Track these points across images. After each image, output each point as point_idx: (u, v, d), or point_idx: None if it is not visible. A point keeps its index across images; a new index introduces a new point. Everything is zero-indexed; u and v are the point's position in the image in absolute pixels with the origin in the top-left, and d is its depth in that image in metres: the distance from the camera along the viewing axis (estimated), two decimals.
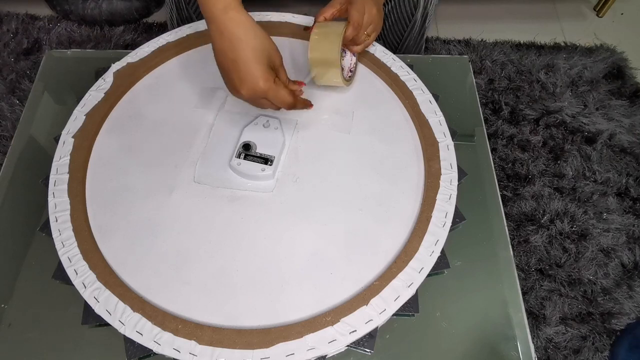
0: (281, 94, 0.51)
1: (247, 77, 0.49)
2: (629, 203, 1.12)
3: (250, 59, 0.49)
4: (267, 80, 0.50)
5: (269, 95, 0.50)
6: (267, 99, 0.51)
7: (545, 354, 0.93)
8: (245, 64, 0.49)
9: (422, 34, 0.88)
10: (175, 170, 0.61)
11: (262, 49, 0.50)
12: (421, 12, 0.81)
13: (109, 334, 0.52)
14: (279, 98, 0.51)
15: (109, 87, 0.67)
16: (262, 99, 0.51)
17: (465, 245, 0.62)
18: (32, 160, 0.68)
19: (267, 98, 0.51)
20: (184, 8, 0.80)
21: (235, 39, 0.49)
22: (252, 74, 0.49)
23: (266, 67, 0.50)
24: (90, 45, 1.34)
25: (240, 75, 0.49)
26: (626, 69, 1.36)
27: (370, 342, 0.52)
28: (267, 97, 0.50)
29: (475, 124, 0.73)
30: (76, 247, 0.54)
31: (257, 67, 0.49)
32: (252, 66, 0.49)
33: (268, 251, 0.56)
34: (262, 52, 0.50)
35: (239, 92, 0.50)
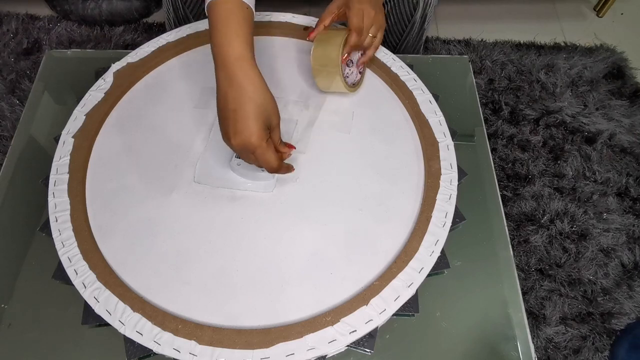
0: (268, 155, 0.52)
1: (242, 130, 0.50)
2: (629, 203, 1.12)
3: (250, 114, 0.50)
4: (260, 138, 0.50)
5: (257, 153, 0.51)
6: (255, 155, 0.52)
7: (545, 354, 0.93)
8: (244, 117, 0.50)
9: (420, 35, 0.88)
10: (175, 170, 0.61)
11: (265, 107, 0.51)
12: (420, 13, 0.82)
13: (109, 334, 0.52)
14: (266, 159, 0.52)
15: (109, 87, 0.67)
16: (250, 154, 0.52)
17: (465, 245, 0.61)
18: (32, 160, 0.68)
19: (255, 155, 0.52)
20: (181, 8, 0.81)
21: (241, 91, 0.50)
22: (248, 128, 0.50)
23: (263, 126, 0.51)
24: (90, 45, 1.34)
25: (237, 126, 0.50)
26: (626, 69, 1.36)
27: (370, 342, 0.52)
28: (254, 154, 0.52)
29: (475, 124, 0.73)
30: (76, 247, 0.54)
31: (255, 123, 0.50)
32: (250, 121, 0.50)
33: (268, 251, 0.56)
34: (263, 110, 0.51)
35: (229, 141, 0.51)
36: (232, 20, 0.52)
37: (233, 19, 0.52)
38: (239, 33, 0.52)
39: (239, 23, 0.52)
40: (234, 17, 0.52)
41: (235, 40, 0.51)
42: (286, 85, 0.69)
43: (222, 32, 0.52)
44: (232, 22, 0.52)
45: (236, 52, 0.51)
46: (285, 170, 0.55)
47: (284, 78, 0.70)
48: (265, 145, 0.51)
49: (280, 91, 0.69)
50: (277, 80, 0.70)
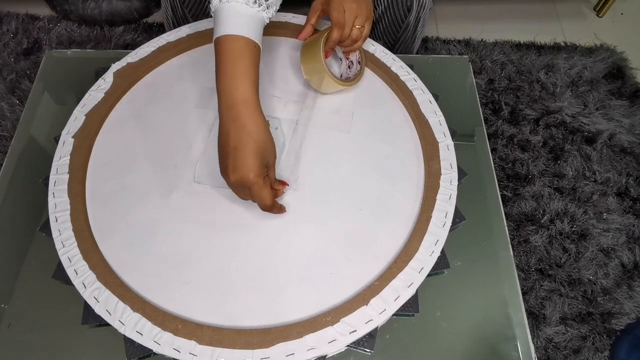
0: (264, 193, 0.53)
1: (242, 166, 0.51)
2: (629, 203, 1.12)
3: (250, 152, 0.51)
4: (257, 175, 0.51)
5: (253, 189, 0.52)
6: (251, 191, 0.53)
7: (545, 354, 0.93)
8: (244, 155, 0.51)
9: (414, 37, 0.88)
10: (175, 170, 0.61)
11: (264, 146, 0.52)
12: (414, 16, 0.82)
13: (109, 334, 0.52)
14: (260, 196, 0.53)
15: (109, 87, 0.67)
16: (245, 190, 0.53)
17: (465, 245, 0.62)
18: (32, 160, 0.68)
19: (251, 191, 0.53)
20: (179, 7, 0.81)
21: (244, 130, 0.51)
22: (248, 165, 0.51)
23: (261, 164, 0.52)
24: (90, 45, 1.34)
25: (236, 162, 0.51)
26: (626, 69, 1.36)
27: (370, 342, 0.52)
28: (251, 190, 0.53)
29: (475, 124, 0.73)
30: (76, 247, 0.54)
31: (254, 161, 0.51)
32: (249, 159, 0.51)
33: (268, 251, 0.56)
34: (263, 149, 0.52)
35: (227, 176, 0.52)
36: (241, 62, 0.53)
37: (242, 61, 0.53)
38: (247, 75, 0.53)
39: (248, 65, 0.53)
40: (243, 58, 0.53)
41: (243, 83, 0.52)
42: (286, 85, 0.69)
43: (230, 73, 0.52)
44: (240, 63, 0.53)
45: (243, 94, 0.52)
46: (278, 210, 0.56)
47: (284, 78, 0.70)
48: (262, 183, 0.52)
49: (280, 91, 0.69)
50: (277, 80, 0.70)
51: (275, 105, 0.67)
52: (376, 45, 0.73)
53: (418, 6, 0.81)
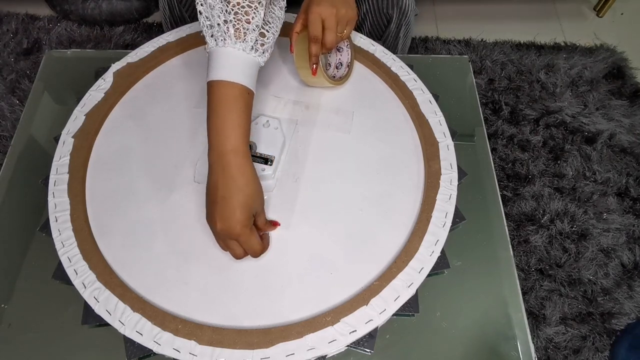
0: (252, 241, 0.53)
1: (229, 218, 0.51)
2: (629, 203, 1.12)
3: (239, 204, 0.51)
4: (244, 227, 0.51)
5: (240, 239, 0.52)
6: (239, 241, 0.53)
7: (545, 354, 0.93)
8: (232, 206, 0.51)
9: (396, 43, 0.88)
10: (175, 170, 0.61)
11: (252, 197, 0.52)
12: (395, 23, 0.82)
13: (109, 334, 0.52)
14: (248, 244, 0.53)
15: (109, 87, 0.67)
16: (231, 241, 0.53)
17: (465, 245, 0.62)
18: (32, 160, 0.68)
19: (239, 241, 0.53)
20: (176, 7, 0.81)
21: (232, 181, 0.51)
22: (235, 217, 0.51)
23: (249, 215, 0.52)
24: (90, 45, 1.34)
25: (224, 213, 0.51)
26: (626, 69, 1.36)
27: (370, 342, 0.52)
28: (238, 240, 0.52)
29: (475, 124, 0.73)
30: (76, 247, 0.54)
31: (242, 213, 0.51)
32: (237, 211, 0.51)
33: (268, 251, 0.56)
34: (252, 200, 0.52)
35: (214, 225, 0.52)
36: (234, 110, 0.52)
37: (235, 109, 0.52)
38: (240, 124, 0.52)
39: (240, 113, 0.53)
40: (236, 107, 0.52)
41: (234, 132, 0.52)
42: (286, 85, 0.69)
43: (222, 121, 0.52)
44: (233, 112, 0.52)
45: (233, 143, 0.52)
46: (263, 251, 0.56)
47: (284, 78, 0.70)
48: (249, 232, 0.52)
49: (280, 91, 0.69)
50: (277, 80, 0.70)
51: (275, 105, 0.67)
52: (376, 46, 0.73)
53: (399, 13, 0.81)
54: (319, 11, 0.60)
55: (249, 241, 0.53)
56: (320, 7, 0.60)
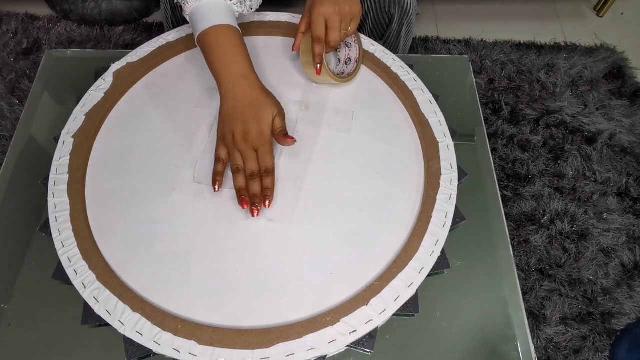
0: (269, 156, 0.58)
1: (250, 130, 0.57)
2: (629, 203, 1.12)
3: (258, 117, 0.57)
4: (267, 137, 0.58)
5: (261, 150, 0.58)
6: (259, 150, 0.58)
7: (546, 354, 0.93)
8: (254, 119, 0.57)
9: (397, 43, 0.88)
10: (175, 170, 0.61)
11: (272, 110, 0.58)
12: (397, 22, 0.82)
13: (109, 334, 0.52)
14: (265, 158, 0.58)
15: (109, 87, 0.67)
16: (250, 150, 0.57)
17: (466, 245, 0.62)
18: (32, 160, 0.68)
19: (260, 148, 0.57)
20: (179, 7, 0.81)
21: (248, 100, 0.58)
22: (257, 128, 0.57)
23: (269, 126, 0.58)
24: (90, 45, 1.34)
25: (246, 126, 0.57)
26: (626, 69, 1.36)
27: (370, 342, 0.52)
28: (260, 148, 0.57)
29: (475, 124, 0.73)
30: (76, 247, 0.54)
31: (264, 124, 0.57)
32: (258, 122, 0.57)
33: (268, 251, 0.56)
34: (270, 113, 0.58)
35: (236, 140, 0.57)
36: (235, 45, 0.60)
37: (236, 45, 0.60)
38: (243, 55, 0.60)
39: (242, 48, 0.60)
40: (236, 43, 0.60)
41: (240, 61, 0.59)
42: (286, 85, 0.69)
43: (226, 56, 0.59)
44: (235, 47, 0.59)
45: (242, 69, 0.59)
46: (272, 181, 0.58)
47: (284, 78, 0.70)
48: (269, 145, 0.58)
49: (280, 91, 0.69)
50: (277, 80, 0.70)
51: None
52: (376, 45, 0.73)
53: (401, 12, 0.81)
54: (322, 11, 0.61)
55: (267, 155, 0.58)
56: (323, 7, 0.61)
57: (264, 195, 0.57)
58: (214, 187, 0.58)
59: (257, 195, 0.57)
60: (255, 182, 0.57)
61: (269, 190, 0.57)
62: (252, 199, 0.56)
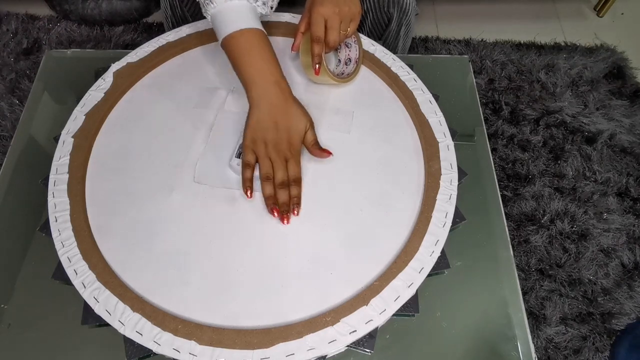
0: (297, 167, 0.59)
1: (282, 140, 0.57)
2: (629, 203, 1.12)
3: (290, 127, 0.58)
4: (298, 147, 0.58)
5: (295, 159, 0.58)
6: (290, 160, 0.58)
7: (546, 354, 0.93)
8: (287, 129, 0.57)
9: (396, 43, 0.88)
10: (175, 170, 0.61)
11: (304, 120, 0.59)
12: (396, 22, 0.82)
13: (109, 334, 0.52)
14: (297, 166, 0.58)
15: (109, 87, 0.67)
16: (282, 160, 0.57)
17: (466, 245, 0.61)
18: (32, 160, 0.68)
19: (291, 159, 0.58)
20: (178, 7, 0.81)
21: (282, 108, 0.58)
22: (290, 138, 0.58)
23: (301, 137, 0.59)
24: (90, 45, 1.34)
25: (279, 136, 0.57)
26: (626, 69, 1.36)
27: (370, 342, 0.52)
28: (292, 158, 0.58)
29: (475, 124, 0.73)
30: (76, 247, 0.54)
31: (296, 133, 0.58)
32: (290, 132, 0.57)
33: (268, 251, 0.55)
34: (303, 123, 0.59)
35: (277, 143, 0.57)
36: (265, 50, 0.59)
37: (265, 49, 0.59)
38: (274, 60, 0.59)
39: (271, 52, 0.59)
40: (265, 47, 0.59)
41: (272, 67, 0.58)
42: None
43: (257, 60, 0.58)
44: (265, 51, 0.58)
45: (275, 76, 0.58)
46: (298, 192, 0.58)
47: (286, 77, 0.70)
48: (299, 155, 0.59)
49: None
50: None
51: None
52: (376, 46, 0.73)
53: (400, 12, 0.81)
54: (322, 11, 0.61)
55: (297, 165, 0.58)
56: (323, 7, 0.61)
57: (292, 203, 0.57)
58: (247, 194, 0.57)
59: (286, 204, 0.57)
60: (284, 191, 0.57)
61: (296, 199, 0.57)
62: (282, 207, 0.57)
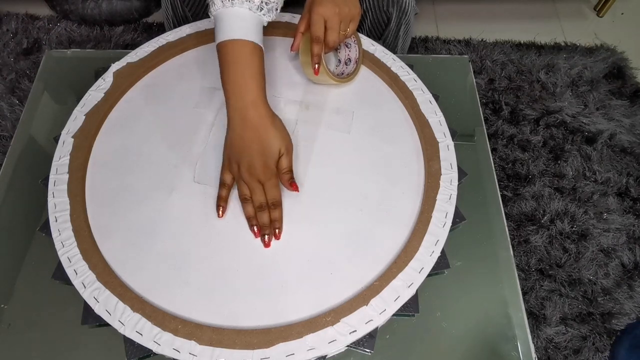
0: (278, 187, 0.57)
1: (254, 165, 0.55)
2: (629, 203, 1.12)
3: (263, 152, 0.55)
4: (271, 173, 0.56)
5: (271, 182, 0.56)
6: (265, 184, 0.56)
7: (546, 354, 0.93)
8: (259, 154, 0.55)
9: (396, 42, 0.88)
10: (175, 170, 0.61)
11: (278, 142, 0.56)
12: (395, 21, 0.82)
13: (109, 334, 0.52)
14: (274, 189, 0.56)
15: (109, 87, 0.67)
16: (256, 182, 0.56)
17: (466, 245, 0.61)
18: (32, 160, 0.68)
19: (266, 183, 0.56)
20: (179, 7, 0.81)
21: (255, 132, 0.55)
22: (262, 163, 0.55)
23: (274, 161, 0.56)
24: (90, 45, 1.34)
25: (252, 161, 0.55)
26: (626, 69, 1.36)
27: (370, 342, 0.52)
28: (267, 181, 0.56)
29: (475, 124, 0.73)
30: (76, 247, 0.54)
31: (269, 158, 0.55)
32: (262, 158, 0.55)
33: (268, 251, 0.56)
34: (276, 146, 0.56)
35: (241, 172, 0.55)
36: (250, 65, 0.55)
37: (251, 64, 0.55)
38: (257, 77, 0.55)
39: (257, 68, 0.56)
40: (252, 62, 0.55)
41: (252, 85, 0.55)
42: (286, 85, 0.69)
43: (239, 76, 0.55)
44: (250, 67, 0.55)
45: (253, 96, 0.55)
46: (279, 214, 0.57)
47: (284, 78, 0.70)
48: (275, 179, 0.57)
49: (280, 91, 0.69)
50: (277, 80, 0.70)
51: (275, 105, 0.67)
52: (376, 45, 0.73)
53: (399, 12, 0.81)
54: (322, 11, 0.61)
55: (274, 188, 0.56)
56: (323, 7, 0.61)
57: (273, 227, 0.56)
58: (218, 213, 0.57)
59: (267, 226, 0.56)
60: (264, 214, 0.56)
61: (277, 223, 0.57)
62: (262, 229, 0.56)
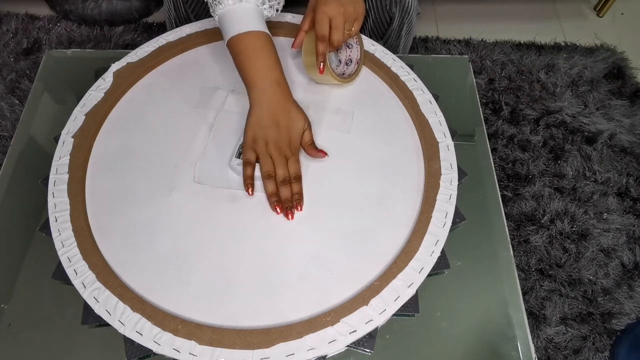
0: (299, 162, 0.60)
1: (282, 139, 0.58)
2: (629, 203, 1.12)
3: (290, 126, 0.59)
4: (297, 146, 0.60)
5: (294, 157, 0.60)
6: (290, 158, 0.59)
7: (546, 354, 0.93)
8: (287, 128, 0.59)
9: (398, 42, 0.88)
10: (175, 170, 0.61)
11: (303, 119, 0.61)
12: (398, 21, 0.82)
13: (109, 334, 0.52)
14: (297, 164, 0.60)
15: (109, 86, 0.67)
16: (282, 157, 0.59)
17: (466, 245, 0.62)
18: (32, 160, 0.68)
19: (291, 157, 0.59)
20: (181, 7, 0.81)
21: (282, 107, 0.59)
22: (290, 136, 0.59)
23: (300, 135, 0.60)
24: (90, 45, 1.34)
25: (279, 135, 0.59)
26: (626, 69, 1.36)
27: (370, 342, 0.52)
28: (291, 156, 0.59)
29: (475, 124, 0.73)
30: (76, 247, 0.54)
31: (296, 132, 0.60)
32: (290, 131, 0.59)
33: (268, 251, 0.56)
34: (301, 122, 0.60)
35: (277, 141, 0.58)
36: (268, 52, 0.60)
37: (268, 52, 0.60)
38: (276, 62, 0.60)
39: (274, 55, 0.61)
40: (269, 50, 0.60)
41: (274, 68, 0.60)
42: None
43: (260, 62, 0.59)
44: (268, 54, 0.60)
45: (275, 76, 0.60)
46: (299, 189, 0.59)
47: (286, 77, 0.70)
48: (298, 153, 0.61)
49: None
50: None
51: None
52: (376, 46, 0.73)
53: (402, 12, 0.81)
54: (327, 10, 0.61)
55: (296, 163, 0.60)
56: (328, 6, 0.61)
57: (295, 199, 0.58)
58: (248, 192, 0.58)
59: (289, 200, 0.58)
60: (286, 188, 0.58)
61: (299, 195, 0.58)
62: (285, 203, 0.57)
